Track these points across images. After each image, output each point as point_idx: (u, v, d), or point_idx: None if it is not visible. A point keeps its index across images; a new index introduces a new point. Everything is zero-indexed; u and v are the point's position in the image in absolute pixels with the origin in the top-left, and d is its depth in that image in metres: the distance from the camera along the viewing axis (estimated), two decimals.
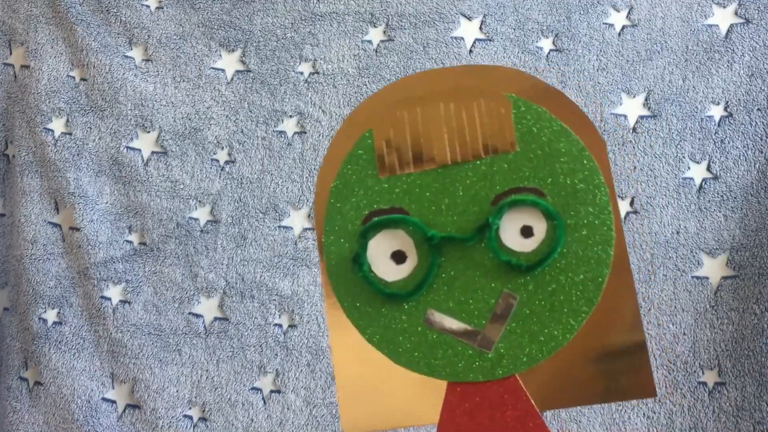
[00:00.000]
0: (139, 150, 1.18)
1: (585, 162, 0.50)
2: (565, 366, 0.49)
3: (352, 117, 0.54)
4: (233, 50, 1.18)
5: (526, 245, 0.50)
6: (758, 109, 1.04)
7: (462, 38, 1.12)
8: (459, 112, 0.51)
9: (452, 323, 0.51)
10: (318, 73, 1.15)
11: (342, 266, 0.52)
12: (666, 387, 1.01)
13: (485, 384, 0.50)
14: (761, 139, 1.03)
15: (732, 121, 1.04)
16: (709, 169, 1.04)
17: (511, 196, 0.50)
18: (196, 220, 1.16)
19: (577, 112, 0.51)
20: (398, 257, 0.51)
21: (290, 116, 1.15)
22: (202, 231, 1.15)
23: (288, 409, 1.10)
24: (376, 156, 0.52)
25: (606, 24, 1.10)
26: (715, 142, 1.04)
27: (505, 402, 0.49)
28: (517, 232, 0.50)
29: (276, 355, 1.11)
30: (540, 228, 0.50)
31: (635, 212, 1.05)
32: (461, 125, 0.51)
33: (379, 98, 0.54)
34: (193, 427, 1.12)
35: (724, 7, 1.07)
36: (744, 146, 1.03)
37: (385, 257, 0.51)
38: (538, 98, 0.51)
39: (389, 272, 0.51)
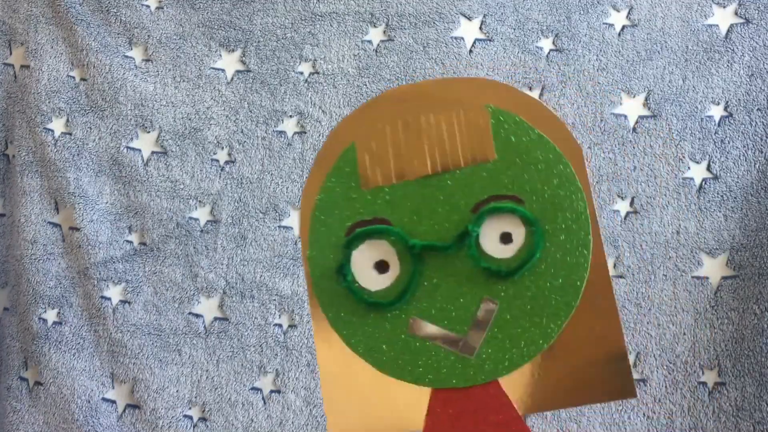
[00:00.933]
0: (139, 150, 1.18)
1: (561, 168, 0.51)
2: (546, 369, 0.50)
3: (335, 132, 0.55)
4: (233, 50, 1.18)
5: (506, 251, 0.51)
6: (758, 109, 1.04)
7: (462, 38, 1.12)
8: (439, 123, 0.52)
9: (435, 330, 0.51)
10: (318, 73, 1.15)
11: (326, 277, 0.53)
12: (666, 387, 1.01)
13: (468, 389, 0.51)
14: (761, 139, 1.03)
15: (732, 121, 1.04)
16: (709, 169, 1.04)
17: (490, 204, 0.51)
18: (196, 220, 1.16)
19: (554, 120, 0.52)
20: (381, 267, 0.52)
21: (290, 116, 1.15)
22: (202, 231, 1.15)
23: (288, 409, 1.10)
24: (359, 169, 0.53)
25: (606, 24, 1.10)
26: (715, 142, 1.04)
27: (487, 407, 0.50)
28: (497, 239, 0.51)
29: (276, 355, 1.11)
30: (519, 234, 0.51)
31: (635, 212, 1.05)
32: (441, 136, 0.52)
33: (362, 113, 0.55)
34: (193, 427, 1.12)
35: (724, 7, 1.07)
36: (744, 146, 1.03)
37: (369, 267, 0.52)
38: (516, 108, 0.52)
39: (373, 282, 0.52)
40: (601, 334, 0.50)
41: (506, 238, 0.51)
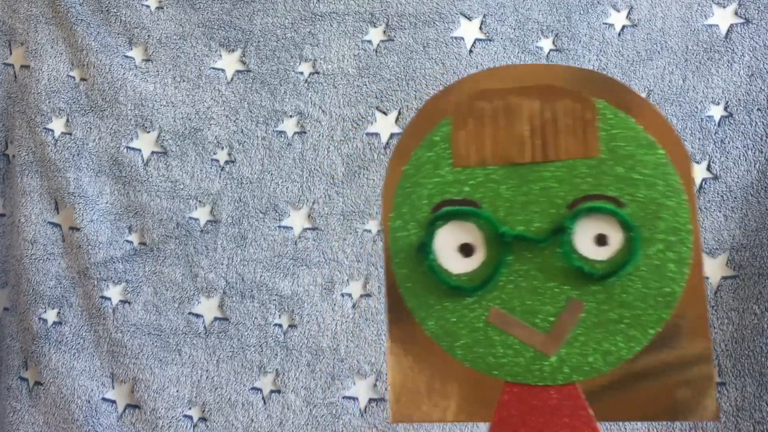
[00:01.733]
0: (139, 150, 1.18)
1: (668, 175, 0.49)
2: (628, 379, 0.49)
3: (432, 101, 0.53)
4: (233, 50, 1.18)
5: (600, 254, 0.49)
6: (758, 109, 1.04)
7: (462, 38, 1.12)
8: (543, 110, 0.50)
9: (515, 323, 0.50)
10: (318, 73, 1.15)
11: (406, 252, 0.51)
12: None
13: (544, 388, 0.49)
14: (761, 139, 1.03)
15: (732, 121, 1.04)
16: (709, 169, 1.04)
17: (589, 203, 0.49)
18: (196, 220, 1.16)
19: (664, 124, 0.50)
20: (466, 250, 0.51)
21: (290, 116, 1.15)
22: (202, 231, 1.15)
23: (288, 409, 1.10)
24: (453, 145, 0.51)
25: (606, 24, 1.10)
26: (715, 142, 1.04)
27: (562, 408, 0.49)
28: (592, 240, 0.49)
29: (276, 355, 1.11)
30: (615, 238, 0.49)
31: None
32: (544, 124, 0.50)
33: (461, 86, 0.53)
34: (193, 427, 1.12)
35: (724, 7, 1.07)
36: (744, 146, 1.03)
37: (453, 249, 0.51)
38: (626, 106, 0.50)
39: (455, 264, 0.51)
40: (690, 352, 0.48)
41: (602, 240, 0.49)
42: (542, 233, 0.49)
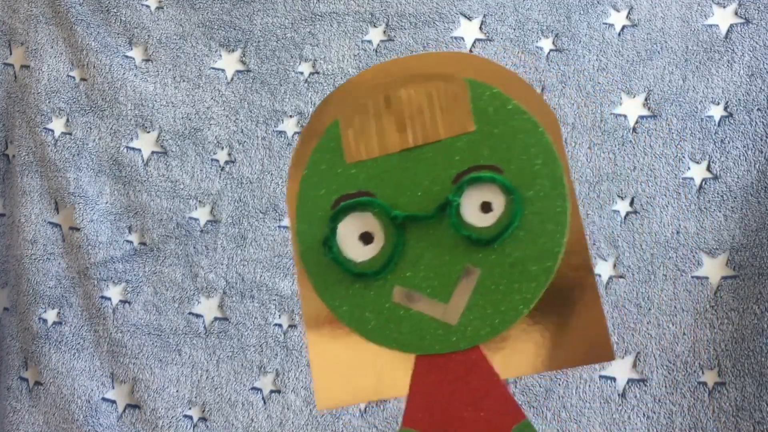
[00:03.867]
0: (139, 150, 1.18)
1: (539, 138, 0.52)
2: (526, 335, 0.51)
3: (320, 109, 0.57)
4: (233, 50, 1.18)
5: (486, 220, 0.52)
6: (758, 109, 1.04)
7: (462, 38, 1.12)
8: (419, 96, 0.54)
9: (418, 298, 0.52)
10: (318, 73, 1.15)
11: (313, 250, 0.54)
12: (666, 387, 1.01)
13: (450, 356, 0.52)
14: (761, 139, 1.03)
15: (732, 121, 1.04)
16: (709, 169, 1.04)
17: (470, 174, 0.52)
18: (196, 220, 1.16)
19: (530, 91, 0.54)
20: (366, 238, 0.53)
21: (290, 116, 1.15)
22: (202, 231, 1.15)
23: (288, 409, 1.10)
24: (344, 143, 0.55)
25: (606, 24, 1.10)
26: (715, 142, 1.04)
27: (470, 372, 0.51)
28: (477, 208, 0.52)
29: (276, 355, 1.11)
30: (498, 203, 0.52)
31: (635, 212, 1.05)
32: (421, 109, 0.54)
33: (346, 89, 0.57)
34: (193, 427, 1.12)
35: (724, 7, 1.07)
36: (744, 146, 1.03)
37: (354, 239, 0.53)
38: (494, 80, 0.54)
39: (358, 253, 0.53)
40: (579, 299, 0.51)
41: (486, 207, 0.52)
42: (431, 210, 0.52)
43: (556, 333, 0.51)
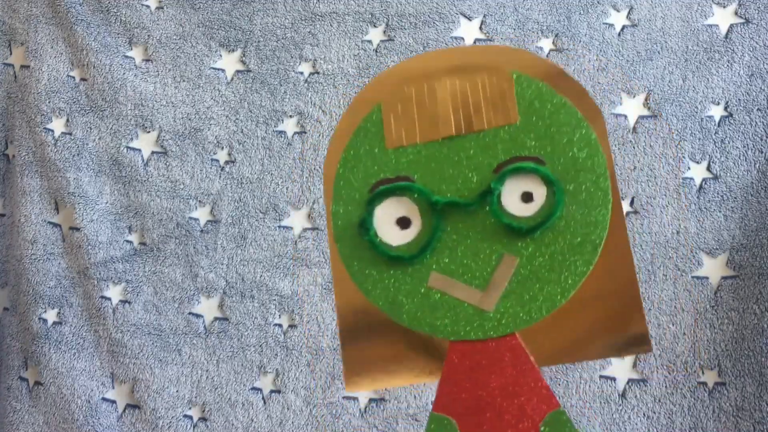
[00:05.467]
0: (139, 150, 1.18)
1: (583, 131, 0.53)
2: (563, 324, 0.52)
3: (361, 94, 0.57)
4: (233, 50, 1.18)
5: (527, 210, 0.52)
6: (758, 109, 1.04)
7: (462, 38, 1.12)
8: (464, 87, 0.54)
9: (454, 284, 0.52)
10: (318, 73, 1.15)
11: (349, 232, 0.54)
12: (666, 387, 1.01)
13: (485, 342, 0.52)
14: (761, 139, 1.03)
15: (732, 121, 1.04)
16: (709, 169, 1.04)
17: (513, 164, 0.52)
18: (196, 220, 1.16)
19: (575, 86, 0.54)
20: (403, 223, 0.54)
21: (290, 116, 1.15)
22: (202, 231, 1.15)
23: (288, 409, 1.10)
24: (384, 128, 0.55)
25: (606, 24, 1.10)
26: (715, 142, 1.04)
27: (504, 359, 0.51)
28: (518, 198, 0.52)
29: (276, 355, 1.11)
30: (540, 193, 0.52)
31: (635, 212, 1.05)
32: (465, 99, 0.54)
33: (387, 76, 0.57)
34: (193, 427, 1.12)
35: (724, 7, 1.07)
36: (744, 146, 1.03)
37: (391, 223, 0.54)
38: (540, 74, 0.54)
39: (394, 237, 0.53)
40: (618, 291, 0.52)
41: (527, 197, 0.52)
42: (472, 198, 0.53)
43: (594, 324, 0.52)
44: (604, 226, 0.51)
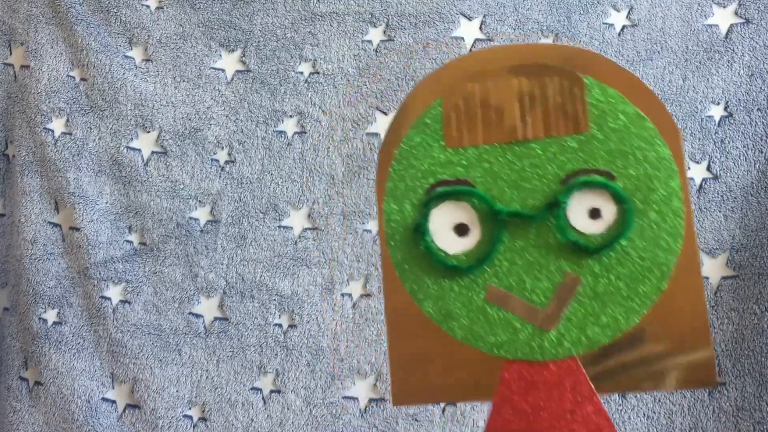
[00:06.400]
0: (139, 150, 1.18)
1: (658, 148, 0.50)
2: (627, 351, 0.49)
3: (422, 84, 0.53)
4: (233, 50, 1.18)
5: (594, 227, 0.49)
6: (758, 109, 1.04)
7: (462, 38, 1.12)
8: (532, 88, 0.51)
9: (513, 300, 0.50)
10: (318, 73, 1.15)
11: (402, 234, 0.51)
12: None
13: (544, 364, 0.49)
14: (761, 139, 1.03)
15: (732, 121, 1.04)
16: (709, 169, 1.04)
17: (581, 177, 0.49)
18: (196, 220, 1.16)
19: (652, 97, 0.51)
20: (461, 230, 0.51)
21: (290, 116, 1.15)
22: (202, 231, 1.15)
23: (288, 409, 1.10)
24: (444, 125, 0.52)
25: (606, 24, 1.10)
26: (715, 142, 1.04)
27: (563, 383, 0.49)
28: (585, 214, 0.49)
29: (276, 355, 1.11)
30: (609, 211, 0.49)
31: None
32: (533, 102, 0.51)
33: (451, 69, 0.53)
34: (193, 427, 1.12)
35: (724, 7, 1.07)
36: (744, 146, 1.03)
37: (447, 229, 0.51)
38: (613, 81, 0.51)
39: (451, 244, 0.51)
40: (687, 321, 0.48)
41: (595, 213, 0.49)
42: (536, 209, 0.50)
43: (659, 353, 0.49)
44: (675, 251, 0.49)
